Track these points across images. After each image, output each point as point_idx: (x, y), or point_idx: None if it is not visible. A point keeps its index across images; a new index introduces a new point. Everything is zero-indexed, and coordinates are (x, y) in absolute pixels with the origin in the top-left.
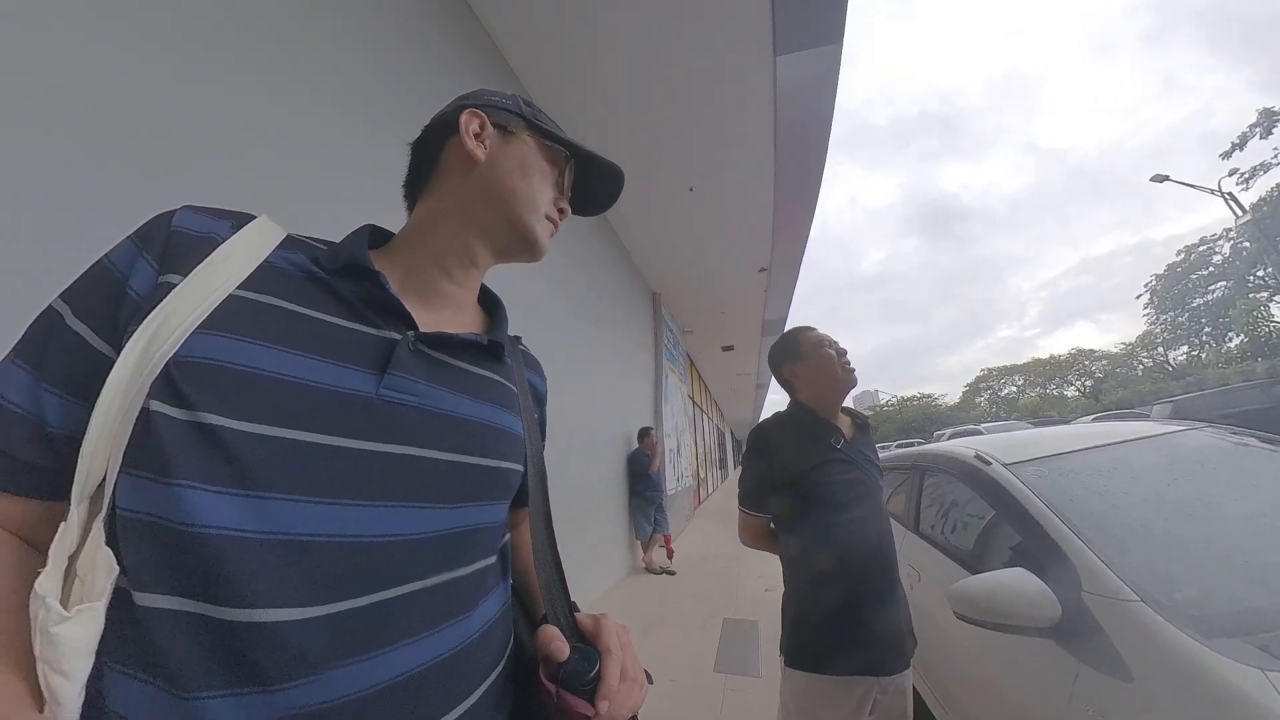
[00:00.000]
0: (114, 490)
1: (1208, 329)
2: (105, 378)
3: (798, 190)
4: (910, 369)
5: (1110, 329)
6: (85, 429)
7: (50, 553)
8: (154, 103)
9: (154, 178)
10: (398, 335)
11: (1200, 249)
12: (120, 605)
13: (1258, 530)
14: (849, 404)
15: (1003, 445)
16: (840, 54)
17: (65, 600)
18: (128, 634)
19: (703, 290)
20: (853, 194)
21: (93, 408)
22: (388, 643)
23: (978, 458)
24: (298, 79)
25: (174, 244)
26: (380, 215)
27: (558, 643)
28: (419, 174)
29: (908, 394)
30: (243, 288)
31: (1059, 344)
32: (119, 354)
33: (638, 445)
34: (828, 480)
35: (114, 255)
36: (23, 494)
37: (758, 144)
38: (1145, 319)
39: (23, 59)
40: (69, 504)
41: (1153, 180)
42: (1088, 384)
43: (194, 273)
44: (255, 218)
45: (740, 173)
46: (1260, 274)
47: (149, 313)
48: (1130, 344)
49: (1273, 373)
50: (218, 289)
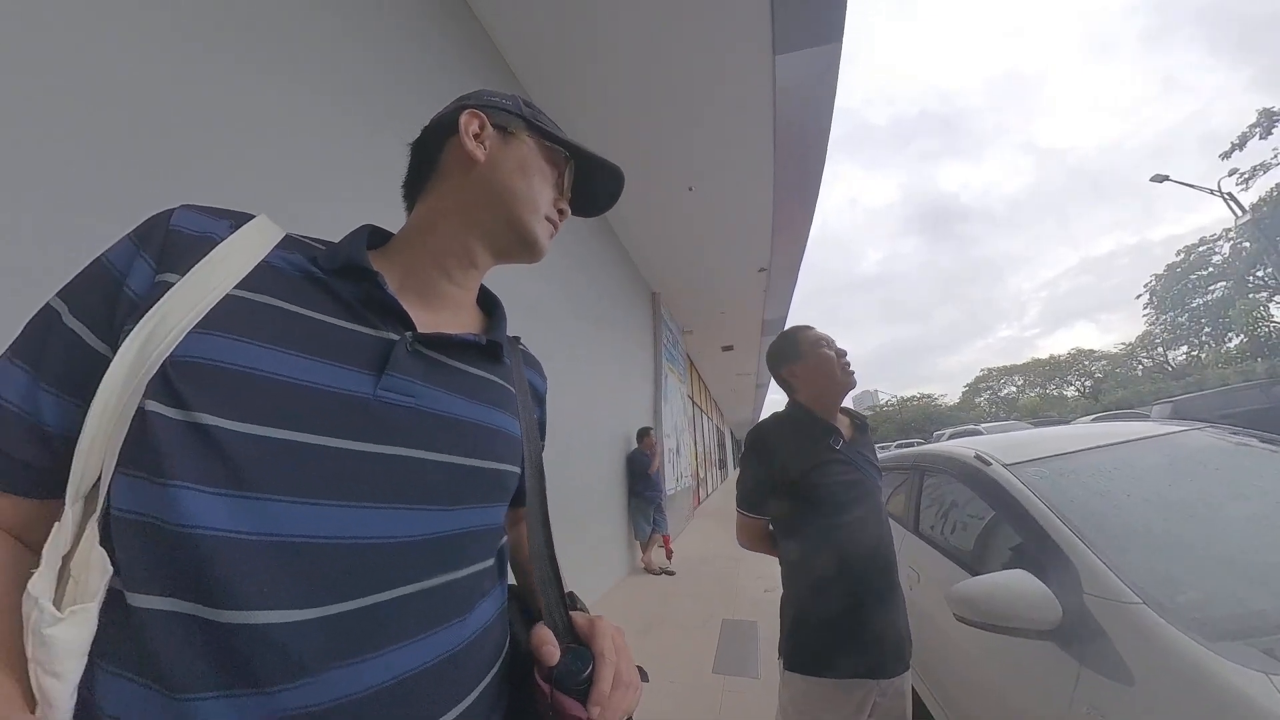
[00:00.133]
0: (109, 490)
1: (1207, 329)
2: (102, 377)
3: (797, 190)
4: (910, 369)
5: (1110, 329)
6: (81, 428)
7: (44, 553)
8: (154, 103)
9: (154, 178)
10: (396, 336)
11: (1200, 249)
12: (114, 606)
13: (1261, 532)
14: (848, 404)
15: (1003, 445)
16: (840, 53)
17: (59, 601)
18: (121, 635)
19: (702, 290)
20: (852, 194)
21: (89, 407)
22: (383, 645)
23: (978, 458)
24: (298, 79)
25: (172, 243)
26: (380, 215)
27: (549, 646)
28: (418, 174)
29: (907, 394)
30: (240, 287)
31: (1059, 344)
32: (116, 353)
33: (637, 445)
34: (827, 481)
35: (112, 254)
36: (18, 493)
37: (757, 143)
38: (1145, 319)
39: (23, 59)
40: (64, 503)
41: (1152, 180)
42: (1087, 384)
43: (191, 272)
44: (254, 217)
45: (740, 172)
46: (1260, 274)
47: (146, 312)
48: (1130, 344)
49: (1273, 373)
50: (215, 288)
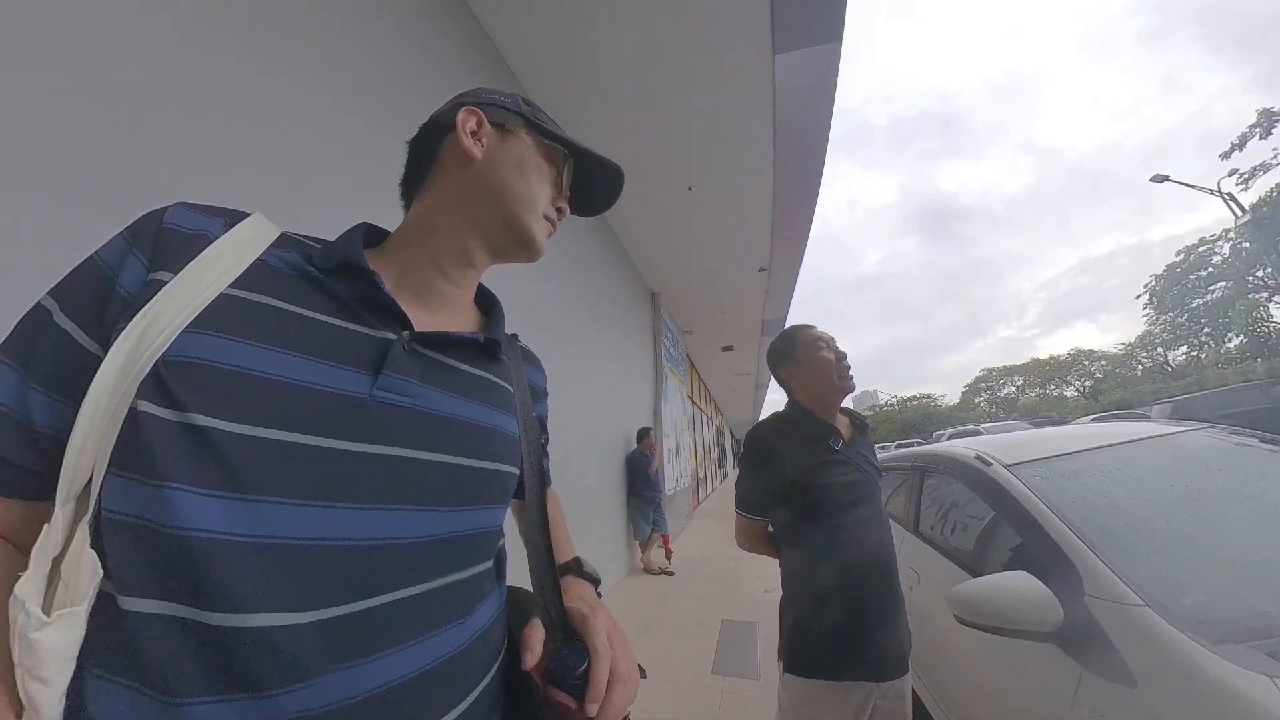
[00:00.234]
0: (100, 492)
1: (1207, 329)
2: (93, 377)
3: (797, 189)
4: (910, 369)
5: (1110, 329)
6: (72, 429)
7: (32, 555)
8: (154, 103)
9: (154, 178)
10: (393, 335)
11: (1200, 249)
12: (104, 609)
13: (1263, 533)
14: (848, 404)
15: (1003, 446)
16: (839, 53)
17: (47, 604)
18: (112, 639)
19: (702, 290)
20: (852, 194)
21: (80, 407)
22: (381, 648)
23: (978, 458)
24: (298, 79)
25: (165, 241)
26: (380, 215)
27: (535, 640)
28: (416, 172)
29: (907, 394)
30: (234, 286)
31: (1058, 344)
32: (107, 352)
33: (636, 445)
34: (827, 482)
35: (104, 252)
36: (7, 494)
37: (757, 143)
38: (1145, 319)
39: (23, 59)
40: (54, 505)
41: (1152, 180)
42: (1087, 384)
43: (184, 270)
44: (249, 215)
45: (739, 172)
46: (1260, 274)
47: (138, 311)
48: (1130, 344)
49: (1272, 373)
50: (209, 287)
